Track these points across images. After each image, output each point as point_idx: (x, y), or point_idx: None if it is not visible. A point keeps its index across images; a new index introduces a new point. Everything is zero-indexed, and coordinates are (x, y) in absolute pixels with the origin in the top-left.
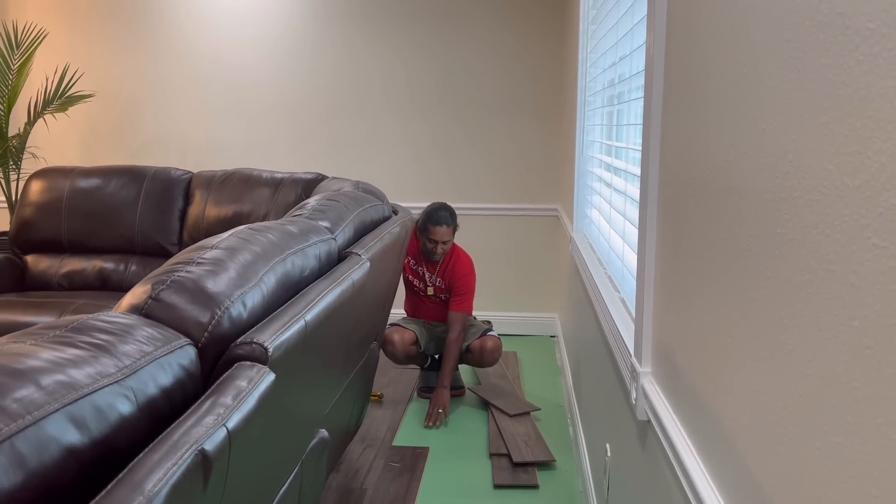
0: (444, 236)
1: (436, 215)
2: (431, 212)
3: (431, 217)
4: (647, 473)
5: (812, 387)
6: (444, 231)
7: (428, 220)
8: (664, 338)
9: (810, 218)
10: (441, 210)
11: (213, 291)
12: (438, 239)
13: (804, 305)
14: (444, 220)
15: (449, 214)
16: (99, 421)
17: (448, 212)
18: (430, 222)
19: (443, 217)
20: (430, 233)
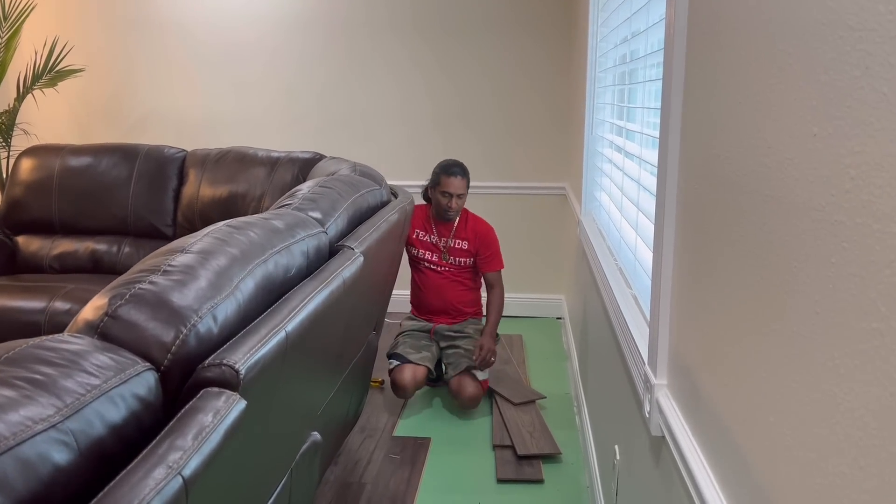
0: (458, 188)
1: (449, 168)
2: (445, 165)
3: (445, 169)
4: (662, 491)
5: (882, 465)
6: (458, 182)
7: (441, 171)
8: (682, 350)
9: (880, 255)
10: (454, 164)
11: (179, 305)
12: (453, 191)
13: (865, 360)
14: (458, 172)
15: (462, 168)
16: (26, 477)
17: (461, 166)
18: (444, 173)
19: (457, 169)
20: (444, 185)
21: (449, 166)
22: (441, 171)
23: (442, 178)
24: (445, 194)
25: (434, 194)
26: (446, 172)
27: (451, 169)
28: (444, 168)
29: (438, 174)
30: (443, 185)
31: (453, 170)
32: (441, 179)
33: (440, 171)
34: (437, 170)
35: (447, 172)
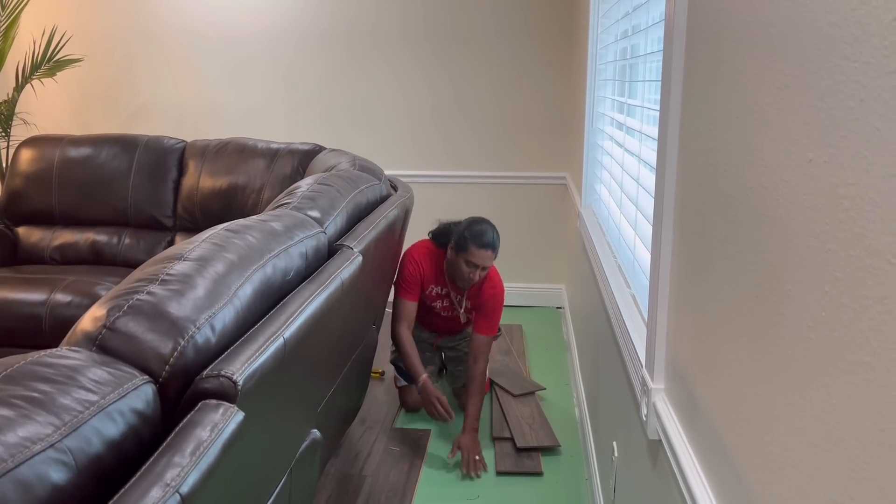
0: (487, 261)
1: (483, 236)
2: (477, 231)
3: (478, 238)
4: (658, 493)
5: (871, 497)
6: (489, 255)
7: (472, 240)
8: (679, 358)
9: (872, 289)
10: (490, 230)
11: (177, 316)
12: (480, 263)
13: (858, 392)
14: (491, 243)
15: (496, 238)
16: (24, 499)
17: (495, 235)
18: (475, 243)
19: (491, 239)
20: (472, 255)
21: (482, 235)
22: (472, 238)
23: (472, 248)
24: (471, 264)
25: (456, 258)
26: (479, 243)
27: (484, 239)
28: (477, 237)
29: (468, 241)
30: (470, 255)
31: (486, 240)
32: (470, 248)
33: (471, 238)
34: (467, 234)
35: (480, 244)
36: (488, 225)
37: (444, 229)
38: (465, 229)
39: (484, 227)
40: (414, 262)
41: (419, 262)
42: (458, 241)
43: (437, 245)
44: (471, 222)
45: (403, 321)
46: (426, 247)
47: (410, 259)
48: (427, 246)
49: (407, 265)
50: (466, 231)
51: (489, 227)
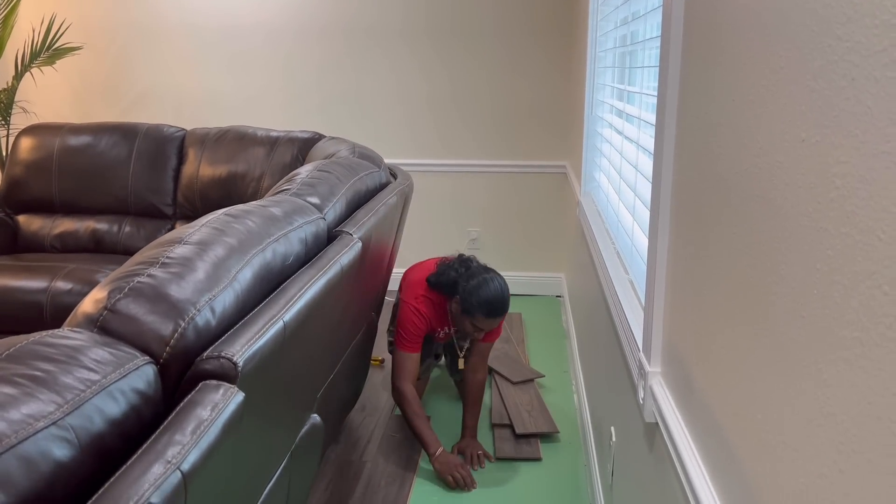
0: (495, 325)
1: (495, 307)
2: (488, 298)
3: (492, 310)
4: (654, 476)
5: (861, 471)
6: (497, 322)
7: (481, 308)
8: (676, 340)
9: (862, 265)
10: (500, 296)
11: (178, 298)
12: (488, 329)
13: (848, 369)
14: (503, 311)
15: (506, 299)
16: (29, 475)
17: (507, 299)
18: (485, 314)
19: (502, 308)
20: (481, 322)
21: (493, 305)
22: (481, 307)
23: (479, 317)
24: (478, 329)
25: (462, 317)
26: (489, 314)
27: (497, 311)
28: (491, 308)
29: (476, 309)
30: (479, 322)
31: (498, 311)
32: (478, 316)
33: (479, 306)
34: (475, 302)
35: (491, 314)
36: (496, 284)
37: (447, 280)
38: (473, 293)
39: (494, 291)
40: (418, 314)
41: (424, 314)
42: (466, 306)
43: (437, 292)
44: (479, 284)
45: (407, 377)
46: (426, 295)
47: (413, 311)
48: (426, 294)
49: (409, 317)
50: (475, 297)
51: (499, 290)
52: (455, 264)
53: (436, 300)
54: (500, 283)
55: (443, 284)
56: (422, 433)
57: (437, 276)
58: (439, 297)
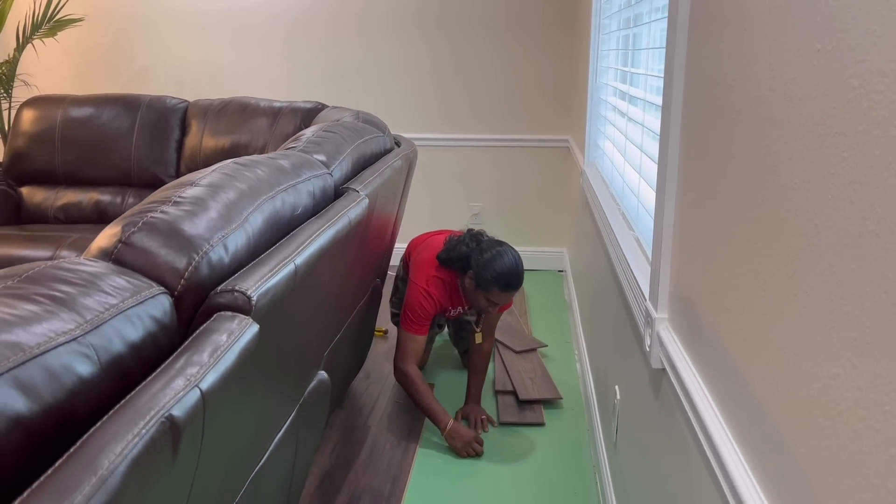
0: (510, 299)
1: (510, 279)
2: (503, 271)
3: (507, 284)
4: (660, 423)
5: (873, 360)
6: (512, 296)
7: (497, 282)
8: (684, 283)
9: (880, 158)
10: (514, 270)
11: (191, 234)
12: (503, 303)
13: (864, 263)
14: (518, 285)
15: (521, 272)
16: (52, 385)
17: (521, 272)
18: (501, 288)
19: (518, 280)
20: (496, 296)
21: (511, 280)
22: (496, 281)
23: (495, 290)
24: (493, 303)
25: (476, 292)
26: (505, 287)
27: (513, 284)
28: (507, 282)
29: (491, 283)
30: (493, 296)
31: (514, 284)
32: (493, 290)
33: (495, 280)
34: (490, 276)
35: (507, 287)
36: (510, 256)
37: (458, 255)
38: (487, 267)
39: (508, 264)
40: (428, 297)
41: (434, 297)
42: (480, 280)
43: (448, 269)
44: (493, 257)
45: (411, 359)
46: (437, 276)
47: (423, 294)
48: (436, 274)
49: (419, 299)
50: (489, 271)
51: (513, 262)
52: (466, 239)
53: (447, 279)
54: (514, 256)
55: (454, 260)
56: (430, 409)
57: (447, 251)
58: (450, 276)
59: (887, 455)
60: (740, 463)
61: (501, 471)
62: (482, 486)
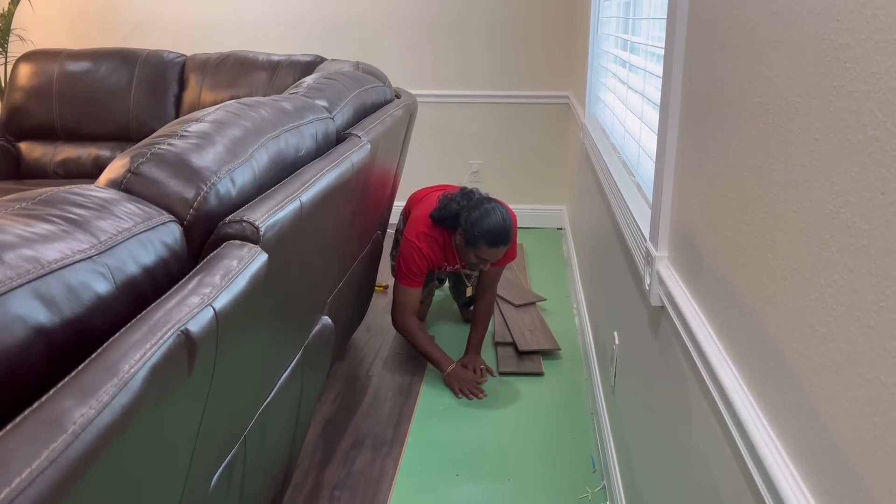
0: (499, 255)
1: (497, 235)
2: (489, 228)
3: (493, 239)
4: (658, 359)
5: (869, 261)
6: (500, 251)
7: (483, 237)
8: (684, 220)
9: (881, 62)
10: (502, 224)
11: (199, 166)
12: (491, 259)
13: (864, 168)
14: (506, 239)
15: (508, 231)
16: (71, 300)
17: (508, 226)
18: (486, 241)
19: (505, 236)
20: (484, 252)
21: (495, 233)
22: (483, 236)
23: (483, 246)
24: (482, 259)
25: (466, 249)
26: (492, 243)
27: (498, 239)
28: (493, 238)
29: (478, 239)
30: (482, 252)
31: (501, 239)
32: (481, 246)
33: (482, 236)
34: (477, 232)
35: (494, 243)
36: (499, 214)
37: (449, 213)
38: (475, 224)
39: (495, 220)
40: (419, 252)
41: (424, 253)
42: (469, 237)
43: (441, 227)
44: (481, 215)
45: (407, 311)
46: (429, 233)
47: (414, 249)
48: (428, 232)
49: (410, 254)
50: (477, 227)
51: (501, 219)
52: (457, 196)
53: (439, 237)
54: (502, 212)
55: (445, 218)
56: (432, 355)
57: (439, 210)
58: (443, 233)
59: (881, 349)
60: (739, 385)
61: (501, 418)
62: (482, 432)
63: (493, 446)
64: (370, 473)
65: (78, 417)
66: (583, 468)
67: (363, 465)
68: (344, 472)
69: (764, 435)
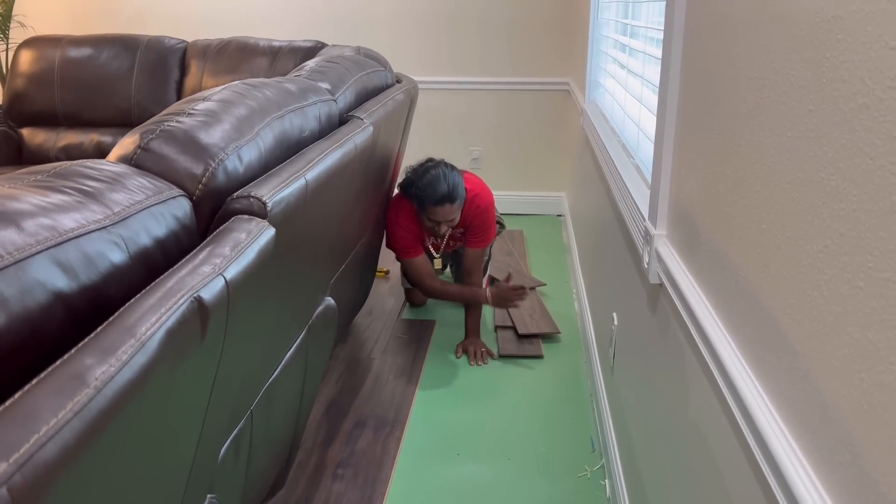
0: (448, 215)
1: (436, 190)
2: (427, 185)
3: (429, 193)
4: (657, 336)
5: (859, 224)
6: (448, 209)
7: (425, 197)
8: (682, 198)
9: (871, 32)
10: (441, 180)
11: (207, 142)
12: (442, 219)
13: (854, 135)
14: (446, 197)
15: (450, 192)
16: (87, 267)
17: (448, 183)
18: (429, 201)
19: (444, 192)
20: (430, 213)
21: (433, 189)
22: (425, 197)
23: (427, 206)
24: (433, 221)
25: (421, 214)
26: (433, 200)
27: (437, 195)
28: (429, 193)
29: (422, 199)
30: (429, 213)
31: (439, 196)
32: (426, 207)
33: (424, 196)
34: (418, 192)
35: (434, 201)
36: (440, 171)
37: (406, 183)
38: (417, 186)
39: (433, 178)
40: (402, 227)
41: (405, 226)
42: (416, 201)
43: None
44: (422, 177)
45: (425, 276)
46: (402, 207)
47: (396, 226)
48: (401, 205)
49: (399, 232)
50: (417, 188)
51: (441, 176)
52: (413, 165)
53: (412, 208)
54: (444, 171)
55: (404, 188)
56: (464, 295)
57: (400, 183)
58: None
59: (868, 308)
60: (735, 354)
61: (501, 399)
62: (483, 413)
63: (493, 427)
64: (372, 453)
65: (99, 374)
66: (582, 448)
67: (366, 444)
68: (347, 451)
69: (760, 402)
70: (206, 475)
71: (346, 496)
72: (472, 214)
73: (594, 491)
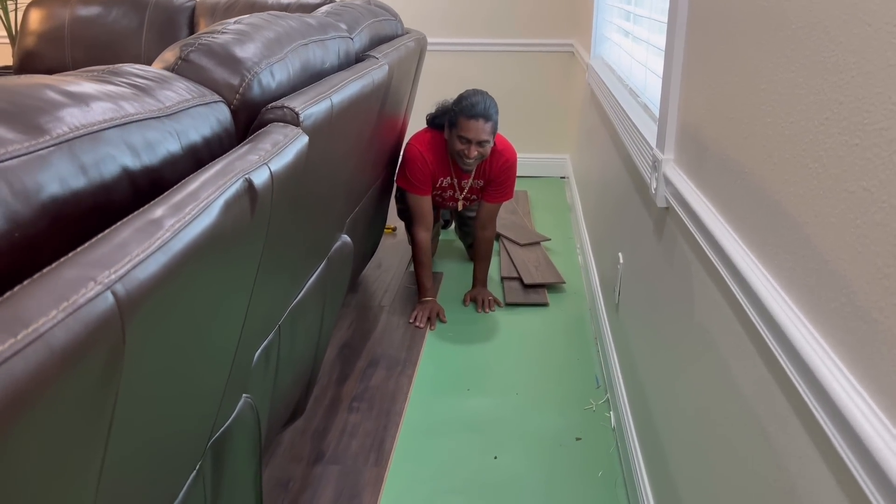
0: (480, 133)
1: (474, 106)
2: (467, 102)
3: (467, 108)
4: (663, 260)
5: (857, 89)
6: (482, 127)
7: (462, 112)
8: (689, 118)
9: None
10: (481, 100)
11: (242, 56)
12: (473, 137)
13: (854, 7)
14: (483, 113)
15: (487, 109)
16: (148, 151)
17: (487, 106)
18: (464, 115)
19: (483, 109)
20: (462, 128)
21: (472, 105)
22: (461, 111)
23: (461, 120)
24: (463, 139)
25: (451, 136)
26: (468, 114)
27: (474, 110)
28: (467, 108)
29: (457, 114)
30: (461, 129)
31: (477, 111)
32: (460, 121)
33: (460, 111)
34: (456, 108)
35: (469, 114)
36: (481, 95)
37: (440, 110)
38: (455, 102)
39: (475, 97)
40: (420, 156)
41: (424, 156)
42: (451, 116)
43: (436, 130)
44: (461, 96)
45: (420, 222)
46: (427, 139)
47: (415, 154)
48: (427, 137)
49: (413, 161)
50: (455, 104)
51: (481, 97)
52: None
53: (436, 141)
54: (483, 95)
55: (437, 116)
56: (420, 280)
57: (433, 113)
58: (440, 138)
59: (863, 160)
60: (741, 248)
61: (508, 343)
62: (491, 355)
63: (501, 366)
64: (386, 388)
65: (173, 223)
66: (587, 384)
67: (379, 381)
68: (361, 387)
69: (766, 283)
70: (243, 375)
71: (361, 426)
72: (497, 168)
73: (600, 422)
